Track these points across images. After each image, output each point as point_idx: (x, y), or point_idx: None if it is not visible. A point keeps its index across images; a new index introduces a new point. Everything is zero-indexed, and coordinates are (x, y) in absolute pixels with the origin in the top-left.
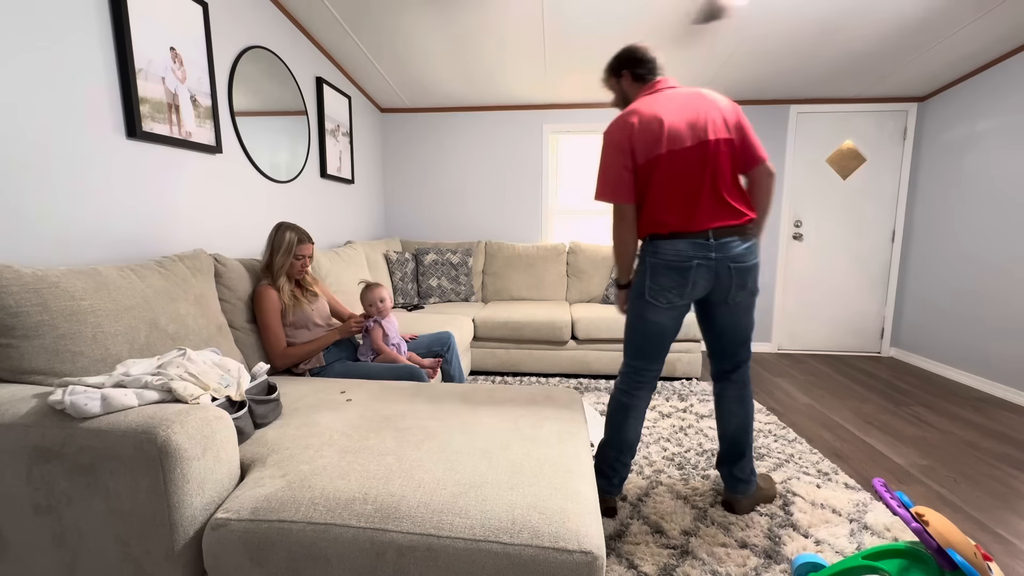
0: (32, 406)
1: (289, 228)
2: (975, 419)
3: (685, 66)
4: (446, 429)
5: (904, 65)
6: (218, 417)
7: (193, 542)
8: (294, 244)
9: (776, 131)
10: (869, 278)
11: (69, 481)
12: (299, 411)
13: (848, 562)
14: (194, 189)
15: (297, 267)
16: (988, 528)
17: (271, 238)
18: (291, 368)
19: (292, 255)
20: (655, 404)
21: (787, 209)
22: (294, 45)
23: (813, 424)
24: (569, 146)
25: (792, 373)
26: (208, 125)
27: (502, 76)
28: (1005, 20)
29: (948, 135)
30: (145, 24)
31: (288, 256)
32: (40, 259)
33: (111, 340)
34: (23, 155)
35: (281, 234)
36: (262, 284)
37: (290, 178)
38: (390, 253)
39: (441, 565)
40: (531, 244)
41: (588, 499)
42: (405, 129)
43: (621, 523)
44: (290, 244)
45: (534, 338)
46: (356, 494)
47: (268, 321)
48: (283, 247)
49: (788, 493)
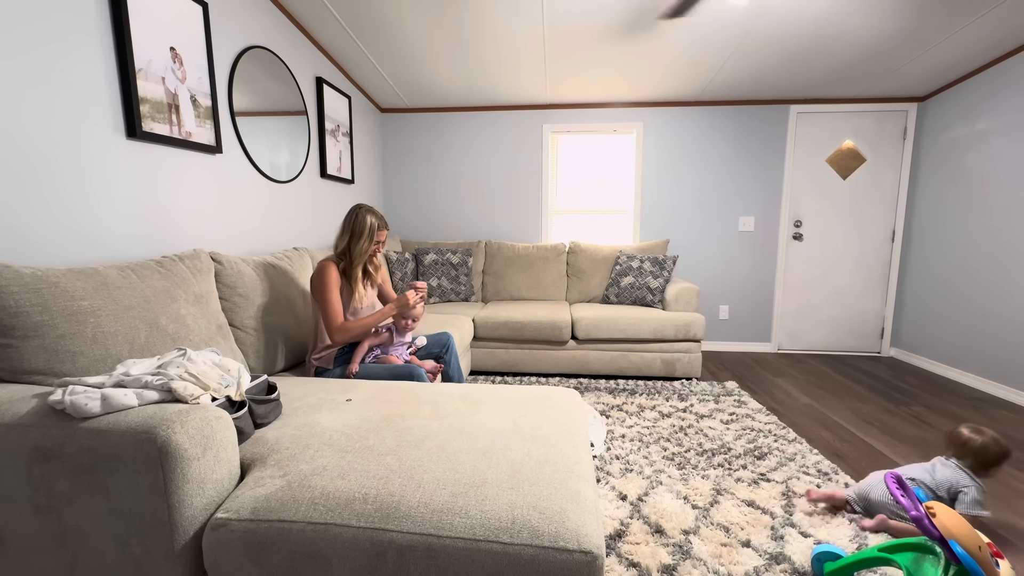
0: (32, 406)
1: (369, 212)
2: (975, 419)
3: (685, 66)
4: (446, 429)
5: (904, 65)
6: (218, 417)
7: (193, 542)
8: (375, 229)
9: (776, 131)
10: (869, 278)
11: (69, 481)
12: (299, 411)
13: (865, 554)
14: (194, 189)
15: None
16: (988, 528)
17: (349, 223)
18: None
19: (372, 241)
20: (655, 404)
21: (787, 209)
22: (294, 45)
23: (813, 424)
24: (569, 146)
25: (792, 373)
26: (208, 125)
27: (502, 76)
28: (1005, 20)
29: (948, 135)
30: (145, 24)
31: (370, 242)
32: (40, 259)
33: (111, 340)
34: (23, 155)
35: (362, 218)
36: (325, 261)
37: (290, 178)
38: (390, 253)
39: (441, 565)
40: (531, 244)
41: (588, 499)
42: (405, 129)
43: (621, 523)
44: (371, 229)
45: (534, 338)
46: (356, 494)
47: (328, 296)
48: (364, 232)
49: (788, 493)
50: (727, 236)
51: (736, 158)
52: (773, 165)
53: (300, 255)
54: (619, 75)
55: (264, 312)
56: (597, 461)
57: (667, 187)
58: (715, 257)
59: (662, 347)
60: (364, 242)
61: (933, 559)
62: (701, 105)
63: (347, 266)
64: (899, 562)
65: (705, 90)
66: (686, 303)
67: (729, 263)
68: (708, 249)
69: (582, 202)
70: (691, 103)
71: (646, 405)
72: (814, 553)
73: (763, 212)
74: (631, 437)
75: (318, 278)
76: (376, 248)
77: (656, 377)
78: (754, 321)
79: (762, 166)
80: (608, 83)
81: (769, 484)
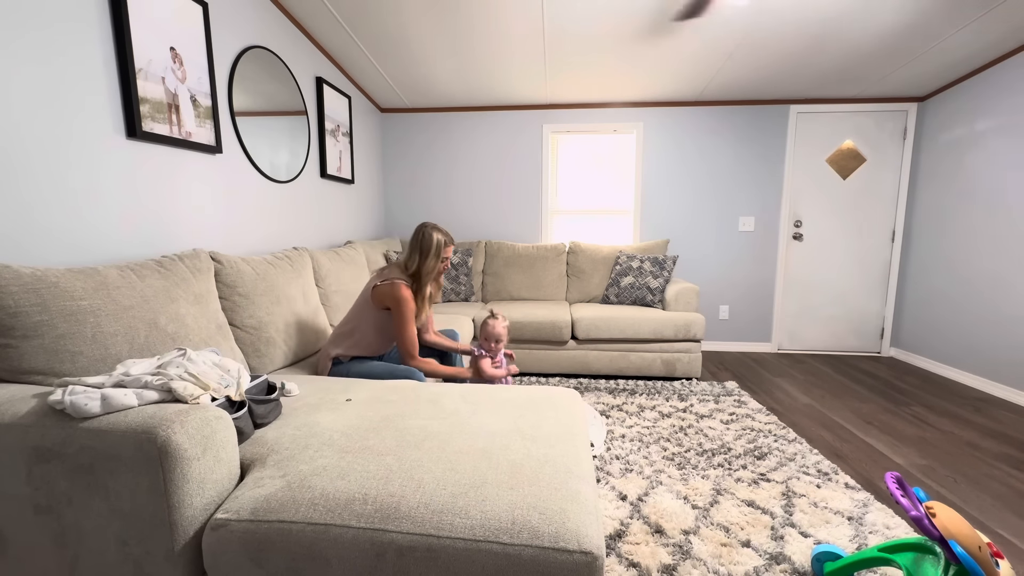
0: (32, 406)
1: (435, 229)
2: (975, 419)
3: (686, 66)
4: (446, 429)
5: (904, 65)
6: (218, 417)
7: (193, 542)
8: (441, 246)
9: (776, 131)
10: (869, 278)
11: (69, 481)
12: (299, 411)
13: (865, 554)
14: (194, 189)
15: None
16: (988, 528)
17: (417, 241)
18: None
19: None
20: (655, 404)
21: (787, 209)
22: (294, 45)
23: (813, 424)
24: (569, 146)
25: (792, 373)
26: (208, 125)
27: (502, 76)
28: (1005, 20)
29: (948, 135)
30: (145, 24)
31: (437, 259)
32: (39, 259)
33: (111, 340)
34: (22, 155)
35: (429, 236)
36: (402, 283)
37: (290, 178)
38: (390, 253)
39: (441, 565)
40: (531, 244)
41: (588, 499)
42: (405, 129)
43: (621, 523)
44: (439, 247)
45: (534, 338)
46: (356, 494)
47: (407, 325)
48: (432, 250)
49: (788, 493)
50: (727, 236)
51: (736, 158)
52: (773, 165)
53: (300, 255)
54: (619, 75)
55: (264, 312)
56: (597, 461)
57: (667, 187)
58: (715, 257)
59: (662, 347)
60: (432, 260)
61: (933, 559)
62: (701, 105)
63: (417, 286)
64: (899, 562)
65: (705, 90)
66: (686, 303)
67: (729, 263)
68: (708, 249)
69: (582, 202)
70: (691, 103)
71: (646, 405)
72: (814, 553)
73: (763, 212)
74: (631, 437)
75: (395, 302)
76: (444, 265)
77: (656, 377)
78: (754, 321)
79: (762, 166)
80: (608, 83)
81: (769, 484)
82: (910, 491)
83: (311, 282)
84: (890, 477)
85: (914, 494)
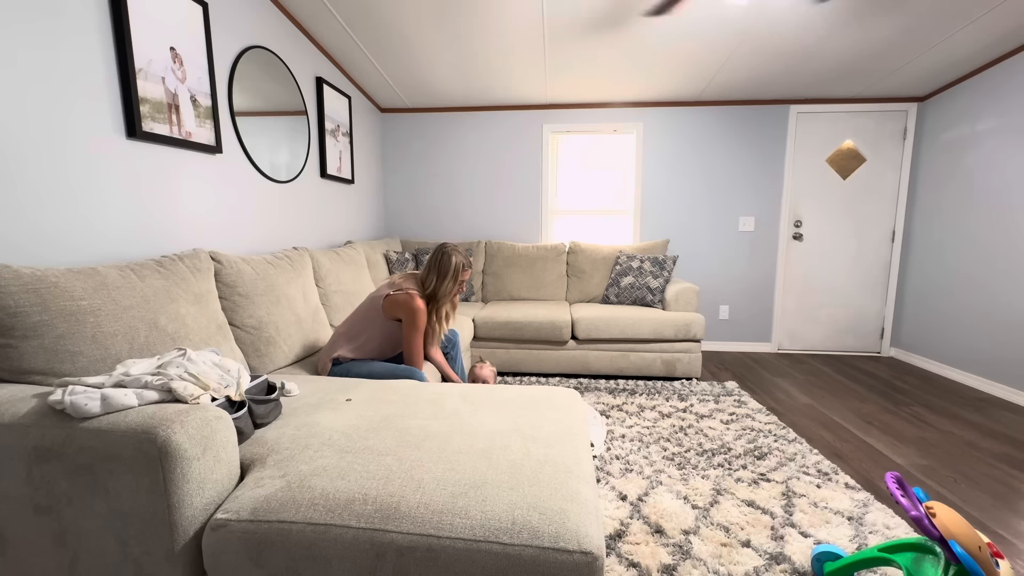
0: (32, 406)
1: (454, 251)
2: (975, 419)
3: (686, 66)
4: (446, 429)
5: (904, 65)
6: (218, 417)
7: (193, 542)
8: (459, 270)
9: (776, 131)
10: (869, 278)
11: (69, 481)
12: (299, 411)
13: (865, 554)
14: (194, 189)
15: (456, 292)
16: (988, 528)
17: (435, 263)
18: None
19: (457, 281)
20: (655, 404)
21: (787, 209)
22: (294, 45)
23: (813, 424)
24: (569, 146)
25: (792, 373)
26: (208, 125)
27: (502, 76)
28: (1005, 20)
29: (948, 135)
30: (145, 24)
31: (454, 282)
32: (39, 259)
33: (110, 340)
34: (22, 155)
35: (448, 259)
36: (417, 295)
37: (290, 178)
38: (390, 253)
39: (441, 565)
40: (531, 244)
41: (588, 499)
42: (405, 129)
43: (621, 523)
44: (456, 270)
45: (534, 338)
46: (356, 494)
47: (417, 335)
48: (450, 272)
49: (788, 493)
50: (727, 236)
51: (736, 158)
52: (773, 165)
53: (300, 255)
54: (619, 75)
55: (264, 311)
56: (597, 461)
57: (667, 187)
58: (715, 257)
59: (662, 347)
60: (449, 282)
61: (933, 559)
62: (701, 105)
63: (434, 306)
64: (899, 562)
65: (705, 90)
66: (686, 303)
67: (729, 263)
68: (708, 249)
69: (582, 202)
70: (691, 103)
71: (646, 405)
72: (814, 553)
73: (763, 212)
74: (631, 437)
75: (408, 315)
76: (460, 288)
77: (656, 377)
78: (754, 321)
79: (762, 166)
80: (608, 83)
81: (769, 484)
82: (910, 491)
83: (311, 282)
84: (890, 477)
85: (914, 494)
